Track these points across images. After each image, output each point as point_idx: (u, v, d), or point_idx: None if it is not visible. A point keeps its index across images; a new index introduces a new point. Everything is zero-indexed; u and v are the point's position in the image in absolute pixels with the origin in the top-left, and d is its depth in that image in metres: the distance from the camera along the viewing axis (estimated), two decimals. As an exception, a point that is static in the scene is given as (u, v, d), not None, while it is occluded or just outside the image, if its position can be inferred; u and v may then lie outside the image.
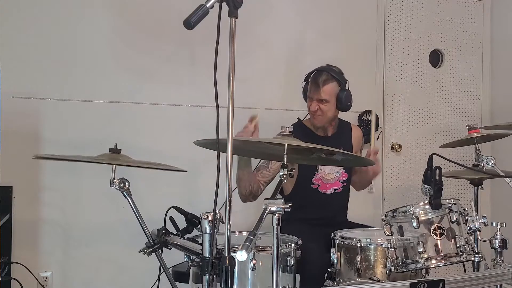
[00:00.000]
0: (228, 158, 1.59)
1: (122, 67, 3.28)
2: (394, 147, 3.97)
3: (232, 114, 1.60)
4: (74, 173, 3.08)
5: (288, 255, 2.20)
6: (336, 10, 3.81)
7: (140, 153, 2.44)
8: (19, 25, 3.09)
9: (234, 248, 1.54)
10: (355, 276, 2.32)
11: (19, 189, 3.04)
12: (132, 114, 3.29)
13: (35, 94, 3.10)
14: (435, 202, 2.07)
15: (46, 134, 3.10)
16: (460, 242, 2.07)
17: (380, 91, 3.95)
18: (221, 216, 1.70)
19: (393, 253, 2.16)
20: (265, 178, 2.66)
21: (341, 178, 2.84)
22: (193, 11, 1.55)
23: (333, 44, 3.76)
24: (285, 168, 1.83)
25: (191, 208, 2.27)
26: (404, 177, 3.98)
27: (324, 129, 2.83)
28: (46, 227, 3.12)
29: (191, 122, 3.36)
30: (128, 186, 2.23)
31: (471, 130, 2.75)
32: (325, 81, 2.69)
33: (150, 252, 2.23)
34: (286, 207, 1.69)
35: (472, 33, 4.19)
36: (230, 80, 1.61)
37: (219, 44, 1.59)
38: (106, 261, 3.21)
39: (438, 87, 4.10)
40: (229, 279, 1.56)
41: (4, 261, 2.85)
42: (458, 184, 3.83)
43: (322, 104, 2.71)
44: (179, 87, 3.40)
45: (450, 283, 1.86)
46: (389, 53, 3.98)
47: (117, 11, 3.29)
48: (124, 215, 2.50)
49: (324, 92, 2.69)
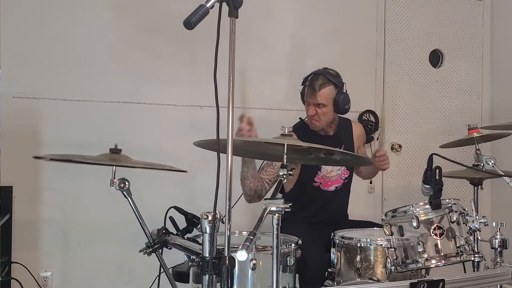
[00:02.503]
0: (228, 158, 1.59)
1: (122, 67, 3.28)
2: (394, 147, 3.97)
3: (232, 114, 1.60)
4: (74, 173, 3.08)
5: (288, 255, 2.20)
6: (336, 10, 3.82)
7: (140, 153, 2.44)
8: (19, 25, 3.09)
9: (234, 248, 1.54)
10: (355, 276, 2.32)
11: (19, 189, 3.05)
12: (132, 114, 3.30)
13: (35, 94, 3.11)
14: (435, 202, 2.08)
15: (46, 134, 3.10)
16: (460, 242, 2.07)
17: (380, 91, 3.95)
18: (221, 216, 1.70)
19: (393, 253, 2.16)
20: (270, 175, 2.67)
21: (342, 175, 2.85)
22: (193, 11, 1.55)
23: (333, 44, 3.76)
24: (285, 168, 1.83)
25: (191, 208, 2.27)
26: (404, 177, 3.98)
27: (324, 129, 2.83)
28: (46, 227, 3.12)
29: (191, 122, 3.36)
30: (128, 186, 2.23)
31: (471, 130, 2.75)
32: (321, 85, 2.67)
33: (150, 252, 2.23)
34: (286, 207, 1.69)
35: (472, 33, 4.19)
36: (230, 80, 1.61)
37: (219, 44, 1.59)
38: (106, 261, 3.21)
39: (438, 87, 4.10)
40: (229, 279, 1.56)
41: (4, 261, 2.85)
42: (458, 184, 3.82)
43: (319, 108, 2.70)
44: (179, 87, 3.40)
45: (450, 283, 1.86)
46: (389, 53, 3.98)
47: (117, 11, 3.29)
48: (124, 215, 2.49)
49: (321, 97, 2.68)
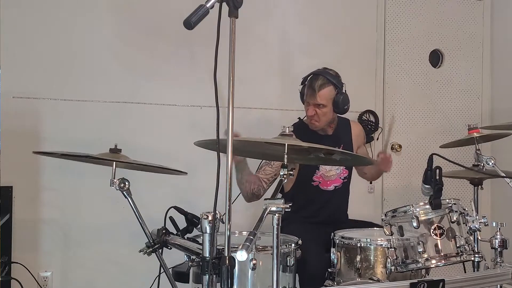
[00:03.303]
0: (228, 158, 1.58)
1: (122, 67, 3.28)
2: (394, 147, 3.97)
3: (232, 114, 1.60)
4: (74, 173, 3.08)
5: (288, 255, 2.20)
6: (336, 10, 3.82)
7: (140, 153, 2.44)
8: (19, 25, 3.09)
9: (234, 248, 1.54)
10: (355, 276, 2.31)
11: (19, 189, 3.05)
12: (132, 114, 3.30)
13: (35, 94, 3.11)
14: (435, 202, 2.07)
15: (46, 134, 3.10)
16: (460, 242, 2.07)
17: (380, 91, 3.95)
18: (221, 216, 1.70)
19: (393, 253, 2.16)
20: (268, 175, 2.67)
21: (341, 174, 2.85)
22: (193, 11, 1.55)
23: (333, 44, 3.76)
24: (285, 168, 1.83)
25: (191, 208, 2.27)
26: (404, 177, 3.98)
27: (323, 129, 2.82)
28: (46, 227, 3.12)
29: (191, 122, 3.37)
30: (128, 186, 2.23)
31: (471, 130, 2.74)
32: (321, 86, 2.67)
33: (150, 252, 2.22)
34: (286, 207, 1.69)
35: (472, 33, 4.19)
36: (230, 80, 1.60)
37: (219, 44, 1.58)
38: (106, 261, 3.21)
39: (438, 87, 4.10)
40: (229, 279, 1.56)
41: (4, 261, 2.85)
42: (458, 184, 3.83)
43: (319, 108, 2.69)
44: (179, 87, 3.40)
45: (450, 283, 1.86)
46: (389, 53, 3.97)
47: (117, 11, 3.29)
48: (124, 215, 2.49)
49: (320, 97, 2.67)
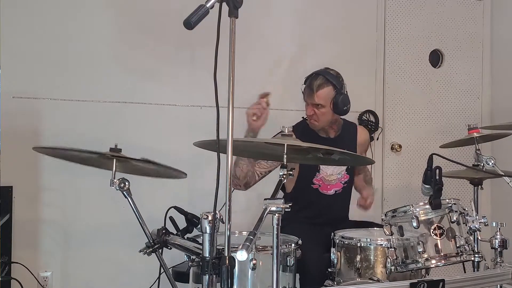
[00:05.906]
0: (228, 158, 1.59)
1: (122, 67, 3.28)
2: (394, 147, 3.97)
3: (232, 114, 1.60)
4: (74, 173, 3.06)
5: (288, 255, 2.20)
6: (336, 10, 3.82)
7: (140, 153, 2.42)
8: (19, 25, 3.09)
9: (234, 248, 1.54)
10: (355, 276, 2.31)
11: (19, 189, 3.04)
12: (132, 114, 3.30)
13: (35, 94, 3.11)
14: (435, 202, 2.07)
15: (46, 134, 3.10)
16: (460, 242, 2.07)
17: (380, 91, 3.95)
18: (221, 216, 1.70)
19: (393, 253, 2.16)
20: (262, 169, 2.66)
21: (342, 179, 2.83)
22: (193, 11, 1.55)
23: (333, 44, 3.76)
24: (284, 168, 1.83)
25: (191, 208, 2.27)
26: (404, 177, 3.98)
27: (325, 131, 2.82)
28: (46, 227, 3.12)
29: (191, 122, 3.36)
30: (128, 186, 2.22)
31: (471, 130, 2.75)
32: (319, 86, 2.66)
33: (150, 252, 2.22)
34: (286, 207, 1.69)
35: (472, 33, 4.19)
36: (230, 80, 1.61)
37: (219, 44, 1.59)
38: (106, 261, 3.21)
39: (438, 87, 4.10)
40: (229, 279, 1.56)
41: (4, 261, 2.85)
42: (458, 184, 3.82)
43: (317, 108, 2.69)
44: (179, 87, 3.40)
45: (450, 283, 1.86)
46: (389, 53, 3.98)
47: (117, 11, 3.29)
48: (124, 215, 2.49)
49: (318, 97, 2.66)
